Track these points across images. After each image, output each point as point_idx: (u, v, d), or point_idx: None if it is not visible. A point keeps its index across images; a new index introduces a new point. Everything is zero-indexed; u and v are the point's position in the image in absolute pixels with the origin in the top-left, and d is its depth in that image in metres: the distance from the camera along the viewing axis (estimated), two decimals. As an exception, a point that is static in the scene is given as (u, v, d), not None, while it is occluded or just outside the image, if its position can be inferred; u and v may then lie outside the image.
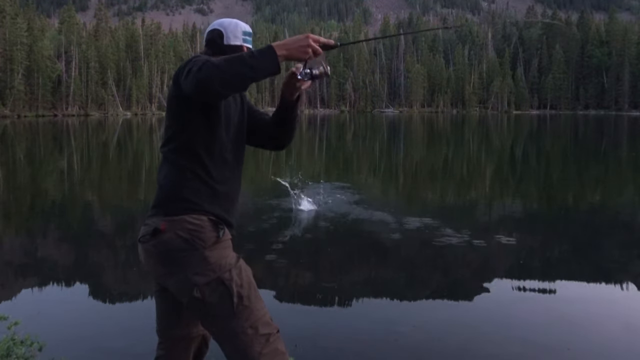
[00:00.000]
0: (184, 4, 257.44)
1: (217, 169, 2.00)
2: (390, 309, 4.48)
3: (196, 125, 1.96)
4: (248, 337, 1.89)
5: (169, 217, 1.93)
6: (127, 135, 35.46)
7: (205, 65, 1.75)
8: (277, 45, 1.82)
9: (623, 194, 11.21)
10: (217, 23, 2.18)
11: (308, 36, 1.85)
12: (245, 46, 2.15)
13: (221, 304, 1.89)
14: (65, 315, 4.37)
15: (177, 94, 1.94)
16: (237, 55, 1.79)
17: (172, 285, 1.96)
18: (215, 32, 2.14)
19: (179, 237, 1.90)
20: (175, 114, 1.99)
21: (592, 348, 3.74)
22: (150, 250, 1.95)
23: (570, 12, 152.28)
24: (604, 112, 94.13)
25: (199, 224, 1.92)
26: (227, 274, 1.92)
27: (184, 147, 1.97)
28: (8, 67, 63.86)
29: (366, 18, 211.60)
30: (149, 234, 1.94)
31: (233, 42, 2.13)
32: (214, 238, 1.93)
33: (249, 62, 1.77)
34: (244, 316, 1.90)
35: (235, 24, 2.16)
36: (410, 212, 8.43)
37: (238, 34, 2.14)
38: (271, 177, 10.68)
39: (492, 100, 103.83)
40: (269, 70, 1.81)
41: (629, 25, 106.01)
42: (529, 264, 5.91)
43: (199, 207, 1.94)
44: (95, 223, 8.36)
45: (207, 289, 1.89)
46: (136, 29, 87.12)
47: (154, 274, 2.03)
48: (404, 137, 24.94)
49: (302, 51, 1.85)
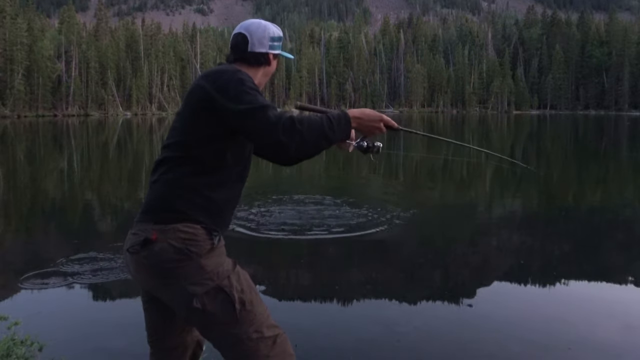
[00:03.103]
0: (184, 4, 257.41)
1: (223, 185, 1.91)
2: (391, 309, 4.47)
3: (218, 142, 1.85)
4: (253, 342, 1.84)
5: (160, 225, 1.82)
6: (127, 135, 35.44)
7: (292, 129, 1.71)
8: (353, 116, 1.88)
9: (623, 194, 11.21)
10: (244, 26, 2.03)
11: (382, 119, 1.94)
12: (270, 53, 2.04)
13: (223, 312, 1.82)
14: (65, 315, 4.36)
15: (214, 114, 1.80)
16: (320, 125, 1.78)
17: (168, 297, 1.88)
18: (240, 37, 2.00)
19: (172, 247, 1.80)
20: (197, 126, 1.84)
21: (593, 348, 3.74)
22: (141, 262, 1.83)
23: (570, 12, 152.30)
24: (604, 112, 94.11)
25: (193, 232, 1.82)
26: (226, 280, 1.85)
27: (191, 157, 1.86)
28: (8, 67, 63.82)
29: (366, 18, 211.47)
30: (138, 244, 1.82)
31: (258, 49, 2.00)
32: (210, 246, 1.85)
33: (329, 135, 1.79)
34: (248, 321, 1.84)
35: (264, 29, 2.02)
36: (410, 212, 8.42)
37: (265, 40, 2.00)
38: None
39: (492, 100, 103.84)
40: (339, 140, 1.86)
41: (629, 25, 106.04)
42: (529, 264, 5.91)
43: (192, 218, 1.84)
44: (95, 223, 8.36)
45: (207, 298, 1.81)
46: (136, 29, 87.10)
47: (145, 286, 1.94)
48: (403, 138, 24.91)
49: (372, 131, 1.95)
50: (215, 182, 1.89)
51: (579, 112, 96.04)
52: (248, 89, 1.80)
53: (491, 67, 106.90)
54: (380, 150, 2.05)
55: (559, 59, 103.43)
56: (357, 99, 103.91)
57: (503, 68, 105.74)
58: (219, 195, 1.90)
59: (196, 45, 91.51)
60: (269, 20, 2.14)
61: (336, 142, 1.87)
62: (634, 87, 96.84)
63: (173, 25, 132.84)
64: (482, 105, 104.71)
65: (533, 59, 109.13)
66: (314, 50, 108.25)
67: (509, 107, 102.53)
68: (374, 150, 2.05)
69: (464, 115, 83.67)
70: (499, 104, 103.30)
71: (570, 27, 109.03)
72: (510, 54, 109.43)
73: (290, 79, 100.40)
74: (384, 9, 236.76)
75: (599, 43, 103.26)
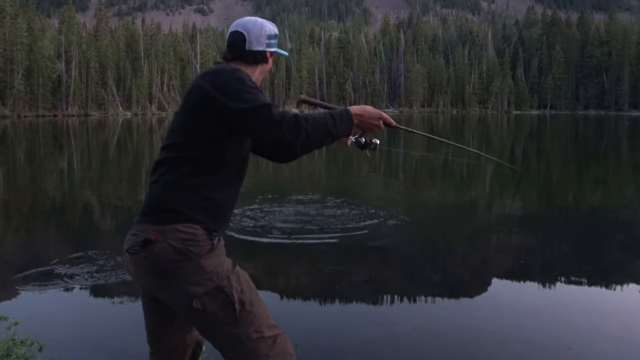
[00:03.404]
0: (184, 4, 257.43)
1: (222, 185, 1.91)
2: (391, 309, 4.48)
3: (217, 142, 1.86)
4: (253, 342, 1.84)
5: (159, 225, 1.82)
6: (127, 135, 35.45)
7: (297, 127, 1.72)
8: (354, 113, 1.93)
9: (623, 194, 11.21)
10: (241, 24, 2.03)
11: (381, 116, 1.99)
12: (268, 51, 2.04)
13: (223, 312, 1.83)
14: (65, 315, 4.36)
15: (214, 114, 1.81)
16: (324, 122, 1.81)
17: (168, 298, 1.88)
18: (237, 35, 2.00)
19: (171, 248, 1.79)
20: (197, 127, 1.85)
21: (594, 348, 3.74)
22: (141, 262, 1.84)
23: (570, 12, 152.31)
24: (604, 112, 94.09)
25: (192, 233, 1.82)
26: (226, 281, 1.85)
27: (191, 158, 1.86)
28: (8, 67, 63.84)
29: (366, 18, 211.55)
30: (138, 245, 1.82)
31: (255, 47, 2.00)
32: (209, 246, 1.85)
33: (332, 132, 1.83)
34: (248, 321, 1.85)
35: (260, 27, 2.03)
36: (410, 212, 8.42)
37: (262, 38, 2.01)
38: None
39: (492, 100, 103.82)
40: (341, 137, 1.90)
41: (629, 25, 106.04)
42: (529, 264, 5.90)
43: (192, 219, 1.84)
44: (95, 223, 8.36)
45: (207, 298, 1.81)
46: (136, 29, 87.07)
47: (145, 286, 1.94)
48: (404, 137, 24.91)
49: (371, 127, 1.99)
50: (215, 181, 1.89)
51: (579, 112, 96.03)
52: (248, 87, 1.80)
53: (491, 67, 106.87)
54: (377, 147, 2.09)
55: (559, 59, 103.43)
56: (357, 99, 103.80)
57: (503, 68, 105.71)
58: (219, 195, 1.90)
59: (196, 45, 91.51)
60: (270, 20, 2.14)
61: (338, 139, 1.90)
62: (634, 87, 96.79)
63: (173, 25, 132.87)
64: (482, 105, 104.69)
65: (533, 59, 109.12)
66: (314, 50, 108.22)
67: (509, 107, 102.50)
68: (371, 146, 2.08)
69: (464, 115, 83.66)
70: (499, 104, 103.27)
71: (570, 27, 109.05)
72: (510, 54, 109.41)
73: (290, 79, 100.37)
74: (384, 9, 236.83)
75: (599, 43, 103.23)
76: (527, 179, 13.04)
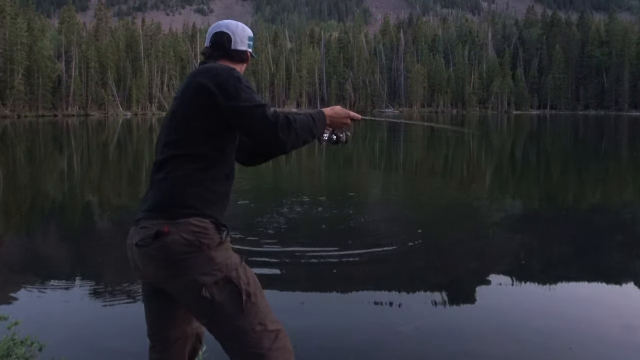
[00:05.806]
0: (184, 4, 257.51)
1: (222, 178, 2.01)
2: (391, 309, 4.47)
3: (219, 137, 1.97)
4: (257, 334, 1.90)
5: (171, 220, 1.89)
6: (127, 135, 35.45)
7: (288, 128, 1.91)
8: (328, 115, 2.17)
9: (623, 194, 11.21)
10: (224, 25, 2.17)
11: (348, 115, 2.24)
12: (249, 51, 2.20)
13: (230, 302, 1.89)
14: (65, 315, 4.36)
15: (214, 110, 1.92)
16: (307, 122, 2.02)
17: (175, 289, 1.94)
18: (224, 36, 2.14)
19: (183, 239, 1.87)
20: (201, 124, 1.95)
21: (594, 348, 3.74)
22: (152, 254, 1.89)
23: (570, 12, 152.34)
24: (604, 112, 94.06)
25: (203, 226, 1.90)
26: (234, 272, 1.92)
27: (196, 154, 1.95)
28: (8, 67, 63.75)
29: (366, 18, 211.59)
30: (150, 237, 1.88)
31: (240, 47, 2.16)
32: (218, 239, 1.93)
33: (314, 131, 2.06)
34: (252, 313, 1.91)
35: (243, 29, 2.19)
36: (410, 212, 8.42)
37: (245, 39, 2.17)
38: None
39: (492, 100, 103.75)
40: (318, 136, 2.15)
41: (629, 25, 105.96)
42: (529, 264, 5.91)
43: (201, 213, 1.92)
44: (95, 223, 8.36)
45: (216, 288, 1.88)
46: (136, 29, 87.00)
47: (152, 278, 1.98)
48: (404, 137, 24.94)
49: (341, 125, 2.26)
50: (219, 175, 1.99)
51: (579, 112, 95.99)
52: (245, 87, 1.92)
53: (491, 67, 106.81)
54: (349, 139, 2.31)
55: (559, 59, 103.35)
56: (357, 99, 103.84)
57: (503, 68, 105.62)
58: (223, 188, 2.01)
59: (196, 45, 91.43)
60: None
61: (315, 137, 2.11)
62: (634, 87, 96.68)
63: (173, 25, 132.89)
64: (482, 105, 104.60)
65: (533, 59, 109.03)
66: (314, 50, 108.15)
67: (509, 107, 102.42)
68: (343, 140, 2.30)
69: (464, 115, 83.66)
70: (499, 104, 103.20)
71: (570, 27, 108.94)
72: (510, 54, 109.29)
73: (290, 79, 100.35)
74: (384, 9, 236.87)
75: (599, 43, 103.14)
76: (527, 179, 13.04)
